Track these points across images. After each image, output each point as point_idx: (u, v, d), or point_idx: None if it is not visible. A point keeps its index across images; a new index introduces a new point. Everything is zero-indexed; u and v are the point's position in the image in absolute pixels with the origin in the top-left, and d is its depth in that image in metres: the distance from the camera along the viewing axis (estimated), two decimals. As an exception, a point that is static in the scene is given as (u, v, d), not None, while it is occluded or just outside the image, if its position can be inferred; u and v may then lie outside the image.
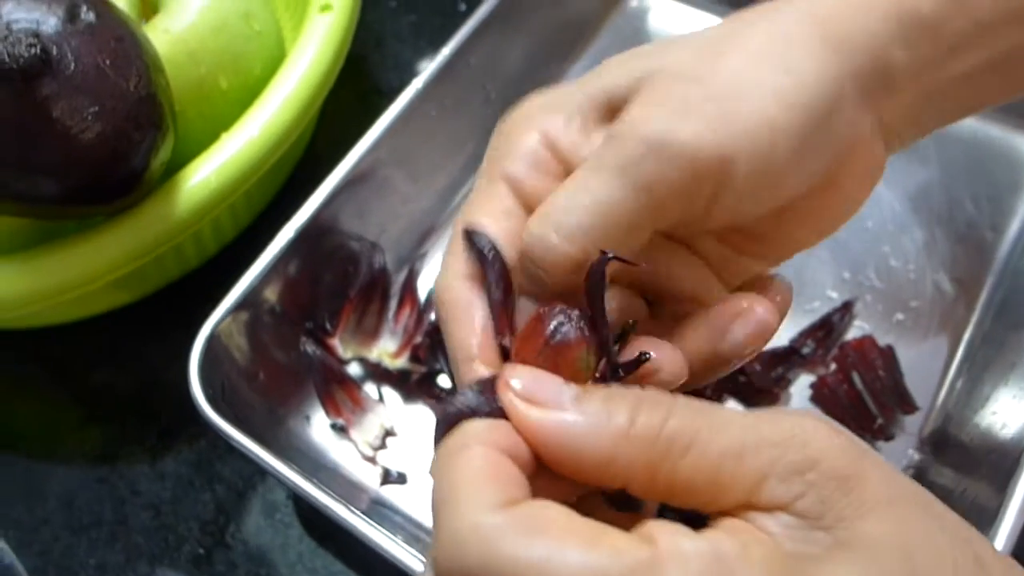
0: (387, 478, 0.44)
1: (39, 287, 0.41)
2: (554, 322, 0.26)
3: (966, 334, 0.45)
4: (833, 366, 0.44)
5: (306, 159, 0.55)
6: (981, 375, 0.43)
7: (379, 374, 0.46)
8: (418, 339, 0.46)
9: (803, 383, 0.44)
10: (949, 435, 0.42)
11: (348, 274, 0.47)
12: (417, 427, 0.45)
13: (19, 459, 0.48)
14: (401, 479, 0.44)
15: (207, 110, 0.45)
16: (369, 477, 0.44)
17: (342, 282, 0.47)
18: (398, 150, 0.47)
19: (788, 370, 0.44)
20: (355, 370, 0.46)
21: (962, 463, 0.40)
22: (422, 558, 0.35)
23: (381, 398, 0.46)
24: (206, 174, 0.42)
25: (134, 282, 0.47)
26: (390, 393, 0.46)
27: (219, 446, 0.47)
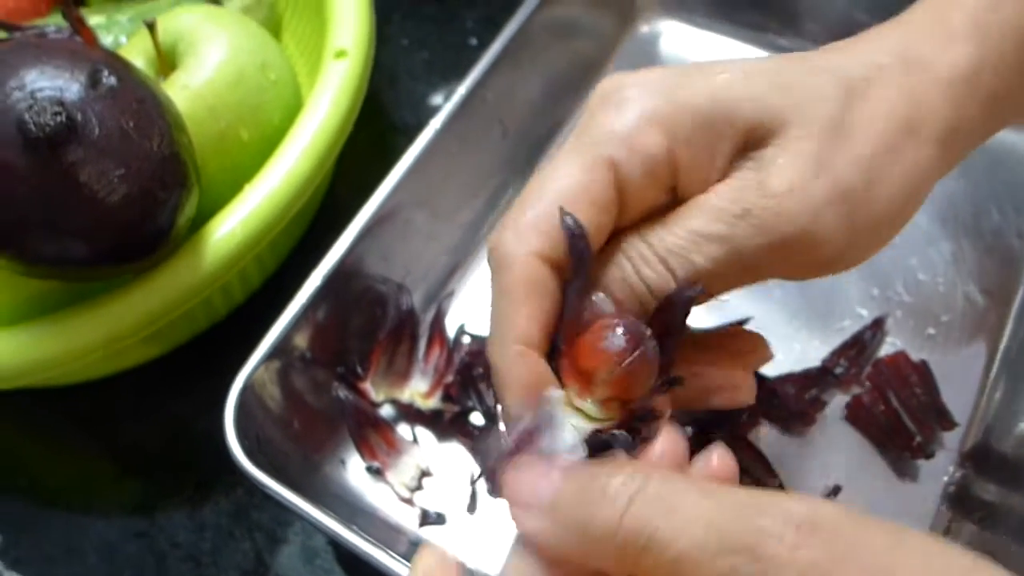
0: (425, 519, 0.44)
1: (70, 348, 0.41)
2: (634, 338, 0.26)
3: (1001, 344, 0.45)
4: (867, 385, 0.44)
5: (326, 200, 0.55)
6: (1019, 385, 0.43)
7: (412, 415, 0.46)
8: (449, 378, 0.46)
9: (838, 404, 0.44)
10: (991, 449, 0.41)
11: (376, 317, 0.47)
12: (453, 466, 0.45)
13: (58, 515, 0.49)
14: (439, 519, 0.44)
15: (229, 162, 0.46)
16: (407, 519, 0.44)
17: (371, 325, 0.47)
18: (419, 190, 0.47)
19: (822, 391, 0.44)
20: (388, 412, 0.46)
21: (1006, 477, 0.40)
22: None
23: (415, 439, 0.46)
24: (231, 226, 0.43)
25: (163, 336, 0.48)
26: (424, 433, 0.46)
27: (256, 494, 0.47)
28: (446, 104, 0.48)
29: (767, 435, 0.43)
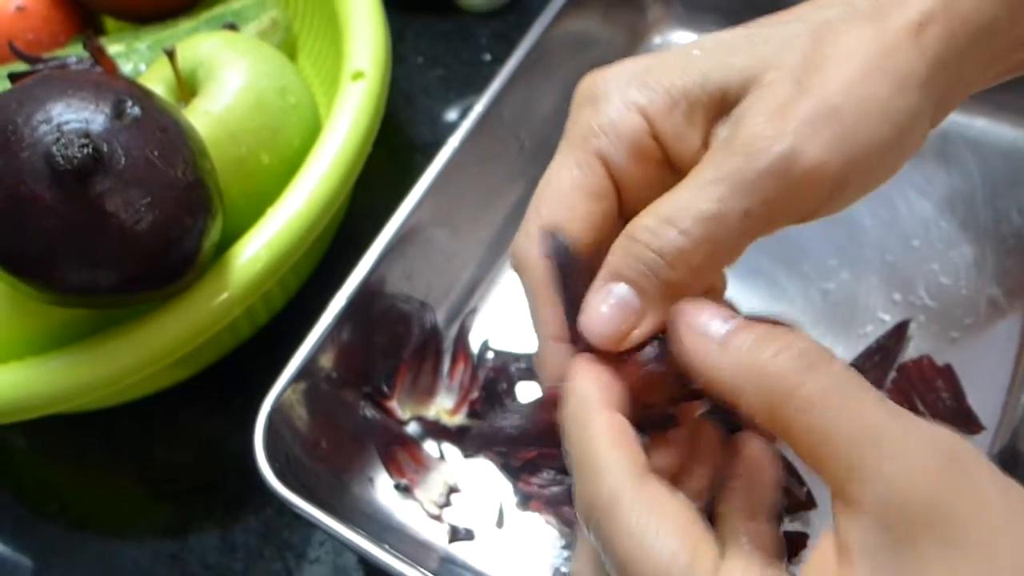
0: (455, 535, 0.44)
1: (102, 375, 0.42)
2: (643, 349, 0.27)
3: (1026, 346, 0.45)
4: (892, 390, 0.44)
5: (346, 219, 0.55)
6: (1045, 387, 0.43)
7: (438, 432, 0.46)
8: (474, 394, 0.46)
9: (864, 409, 0.44)
10: (1020, 452, 0.41)
11: (400, 335, 0.47)
12: (480, 482, 0.45)
13: (91, 539, 0.49)
14: (469, 535, 0.44)
15: (250, 187, 0.46)
16: (437, 535, 0.44)
17: (395, 344, 0.47)
18: (439, 208, 0.48)
19: (847, 398, 0.44)
20: (414, 429, 0.47)
21: (1036, 480, 0.40)
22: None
23: (442, 455, 0.46)
24: (256, 250, 0.43)
25: (191, 359, 0.48)
26: (451, 450, 0.46)
27: (285, 514, 0.48)
28: (463, 121, 0.49)
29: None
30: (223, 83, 0.46)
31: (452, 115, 0.61)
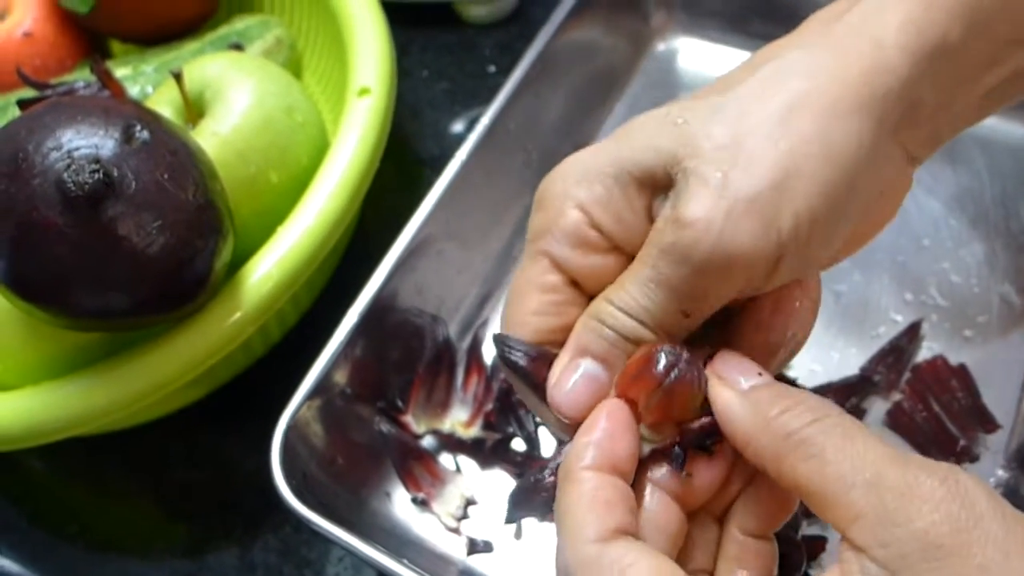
0: (473, 547, 0.44)
1: (118, 398, 0.42)
2: (666, 361, 0.28)
3: (1039, 343, 0.45)
4: (906, 391, 0.44)
5: (355, 234, 0.56)
6: (1060, 384, 0.43)
7: (454, 445, 0.47)
8: (488, 406, 0.47)
9: (879, 411, 0.44)
10: (1036, 450, 0.41)
11: (413, 349, 0.47)
12: (497, 493, 0.45)
13: (110, 561, 0.49)
14: (487, 547, 0.44)
15: (260, 206, 0.46)
16: (455, 548, 0.44)
17: (408, 358, 0.47)
18: (448, 222, 0.48)
19: (862, 399, 0.44)
20: (430, 443, 0.47)
21: (1054, 478, 0.39)
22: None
23: (458, 468, 0.46)
24: (267, 268, 0.43)
25: (204, 379, 0.48)
26: (467, 462, 0.46)
27: (303, 531, 0.48)
28: (469, 134, 0.49)
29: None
30: (230, 103, 0.46)
31: (458, 127, 0.61)
